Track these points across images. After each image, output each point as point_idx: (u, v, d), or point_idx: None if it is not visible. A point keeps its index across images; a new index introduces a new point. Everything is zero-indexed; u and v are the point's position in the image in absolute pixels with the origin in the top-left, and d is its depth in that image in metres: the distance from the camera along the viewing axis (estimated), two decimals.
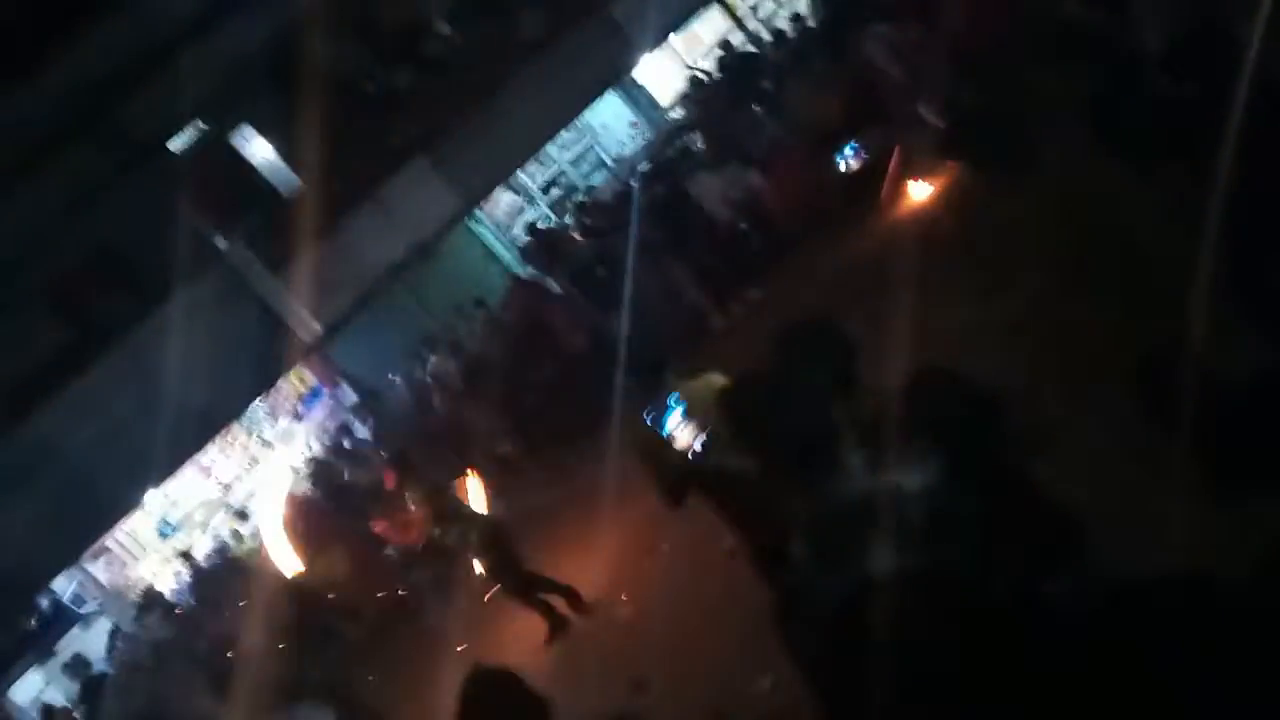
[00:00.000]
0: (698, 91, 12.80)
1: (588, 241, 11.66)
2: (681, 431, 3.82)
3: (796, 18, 12.52)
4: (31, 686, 12.65)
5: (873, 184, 8.44)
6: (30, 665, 12.74)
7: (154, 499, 12.24)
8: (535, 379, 10.97)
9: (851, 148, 9.18)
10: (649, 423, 3.85)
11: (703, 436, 3.78)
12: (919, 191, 7.79)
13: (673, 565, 5.23)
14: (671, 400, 3.34)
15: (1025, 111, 5.69)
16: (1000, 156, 5.97)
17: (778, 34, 12.63)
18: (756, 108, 11.44)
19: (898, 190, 7.98)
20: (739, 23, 14.25)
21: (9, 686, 12.41)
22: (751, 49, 13.11)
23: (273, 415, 13.89)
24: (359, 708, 6.93)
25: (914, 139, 7.86)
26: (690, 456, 3.80)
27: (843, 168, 9.30)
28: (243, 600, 10.02)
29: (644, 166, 12.20)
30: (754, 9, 14.61)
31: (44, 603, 12.84)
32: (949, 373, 2.28)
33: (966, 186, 6.79)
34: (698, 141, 11.88)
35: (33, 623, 12.77)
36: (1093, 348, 3.76)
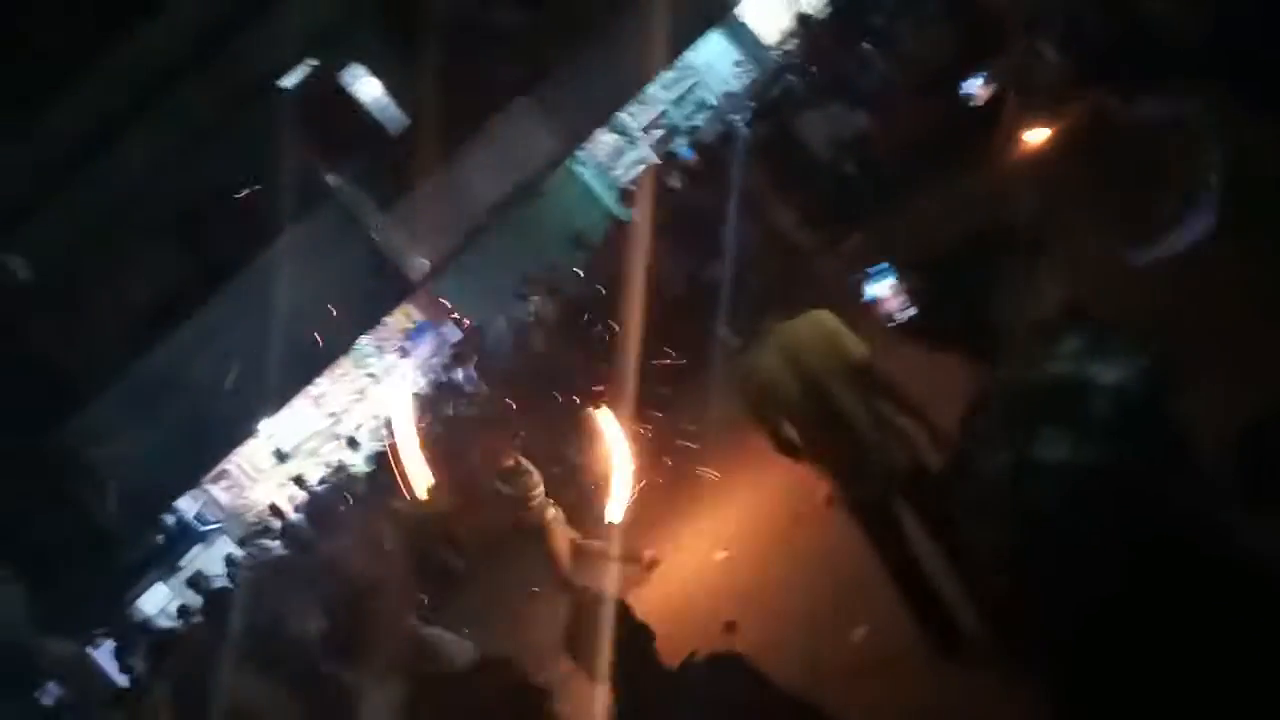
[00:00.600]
0: (805, 29, 12.43)
1: (689, 183, 11.52)
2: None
3: None
4: (158, 599, 13.47)
5: (988, 122, 8.09)
6: (156, 579, 13.57)
7: (268, 427, 12.79)
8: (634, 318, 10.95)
9: (967, 84, 8.79)
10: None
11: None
12: (1037, 130, 7.42)
13: (771, 512, 5.20)
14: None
15: (1151, 40, 5.34)
16: (1126, 88, 5.64)
17: None
18: (866, 45, 11.06)
19: (1015, 128, 7.62)
20: None
21: (137, 598, 13.25)
22: None
23: (379, 350, 14.28)
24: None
25: (1033, 74, 7.48)
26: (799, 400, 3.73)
27: (956, 105, 8.95)
28: (352, 526, 10.42)
29: (749, 106, 11.96)
30: None
31: (170, 520, 13.61)
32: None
33: (1089, 122, 6.44)
34: (804, 81, 11.56)
35: (159, 539, 13.56)
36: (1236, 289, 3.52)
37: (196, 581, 12.34)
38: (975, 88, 8.42)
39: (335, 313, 11.52)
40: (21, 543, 11.74)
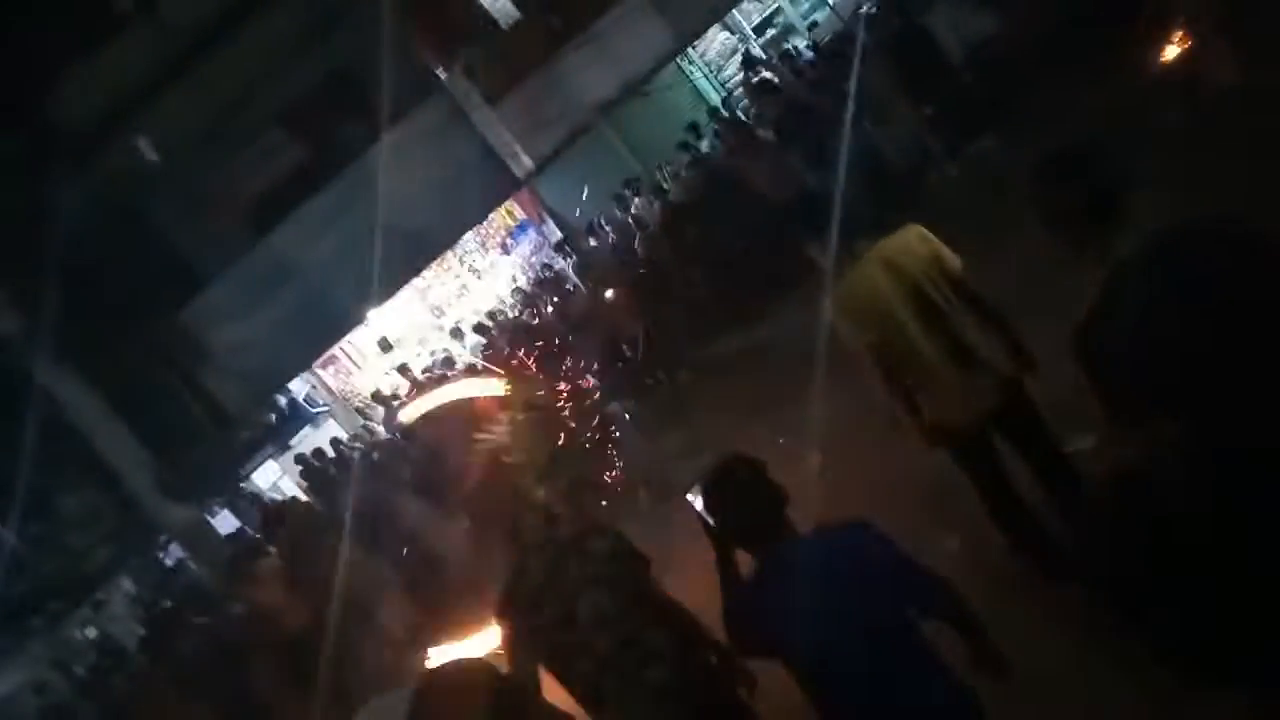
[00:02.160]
0: None
1: (806, 84, 11.16)
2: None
3: None
4: (270, 474, 14.23)
5: (1127, 28, 7.58)
6: (269, 456, 14.30)
7: (376, 316, 13.15)
8: (738, 228, 10.83)
9: None
10: None
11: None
12: (1175, 42, 6.93)
13: (861, 426, 5.15)
14: None
15: None
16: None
17: None
18: None
19: (1153, 36, 7.12)
20: None
21: (252, 472, 14.01)
22: None
23: (483, 246, 14.46)
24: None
25: None
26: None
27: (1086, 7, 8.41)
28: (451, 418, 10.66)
29: (869, 5, 11.44)
30: None
31: (282, 401, 14.25)
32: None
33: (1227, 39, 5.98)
34: None
35: (272, 418, 14.23)
36: None
37: (306, 459, 12.96)
38: None
39: (442, 206, 11.65)
40: (148, 418, 12.45)
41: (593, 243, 12.40)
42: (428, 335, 14.06)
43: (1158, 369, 2.05)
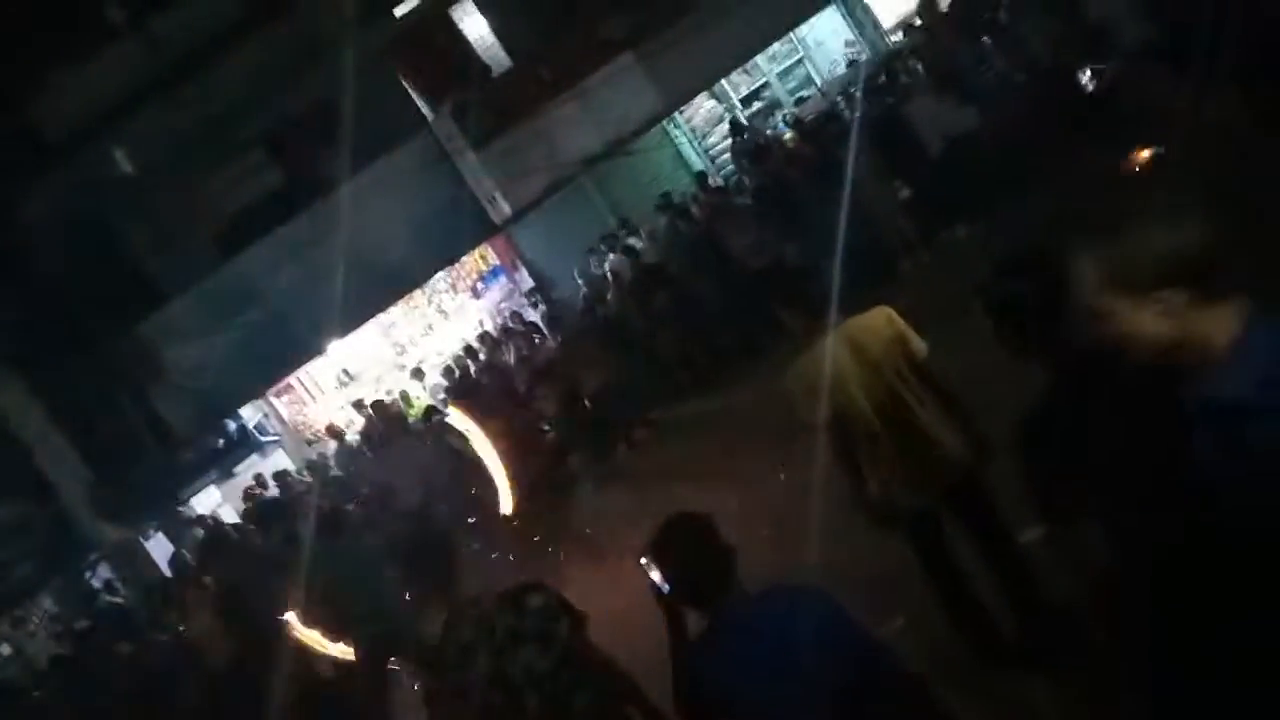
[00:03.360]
0: (927, 15, 12.05)
1: (784, 160, 11.32)
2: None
3: None
4: (210, 500, 13.87)
5: (1109, 122, 7.77)
6: (212, 481, 13.96)
7: (337, 348, 13.00)
8: (707, 291, 10.90)
9: (1088, 76, 8.49)
10: None
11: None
12: (1158, 134, 7.09)
13: (815, 500, 5.14)
14: None
15: None
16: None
17: None
18: (986, 39, 10.71)
19: (1139, 131, 7.29)
20: None
21: (192, 495, 13.65)
22: None
23: (453, 288, 14.40)
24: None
25: (1158, 72, 7.16)
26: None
27: (1069, 106, 8.66)
28: (402, 457, 10.49)
29: (857, 88, 11.68)
30: None
31: (231, 426, 13.97)
32: None
33: (1216, 126, 6.11)
34: (918, 69, 11.23)
35: (219, 443, 13.93)
36: None
37: (249, 489, 12.67)
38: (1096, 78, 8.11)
39: (415, 244, 11.61)
40: (90, 431, 12.13)
41: (564, 295, 12.42)
42: (387, 372, 13.92)
43: (1086, 466, 2.07)
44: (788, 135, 11.99)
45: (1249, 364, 1.74)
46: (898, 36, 13.27)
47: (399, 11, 12.43)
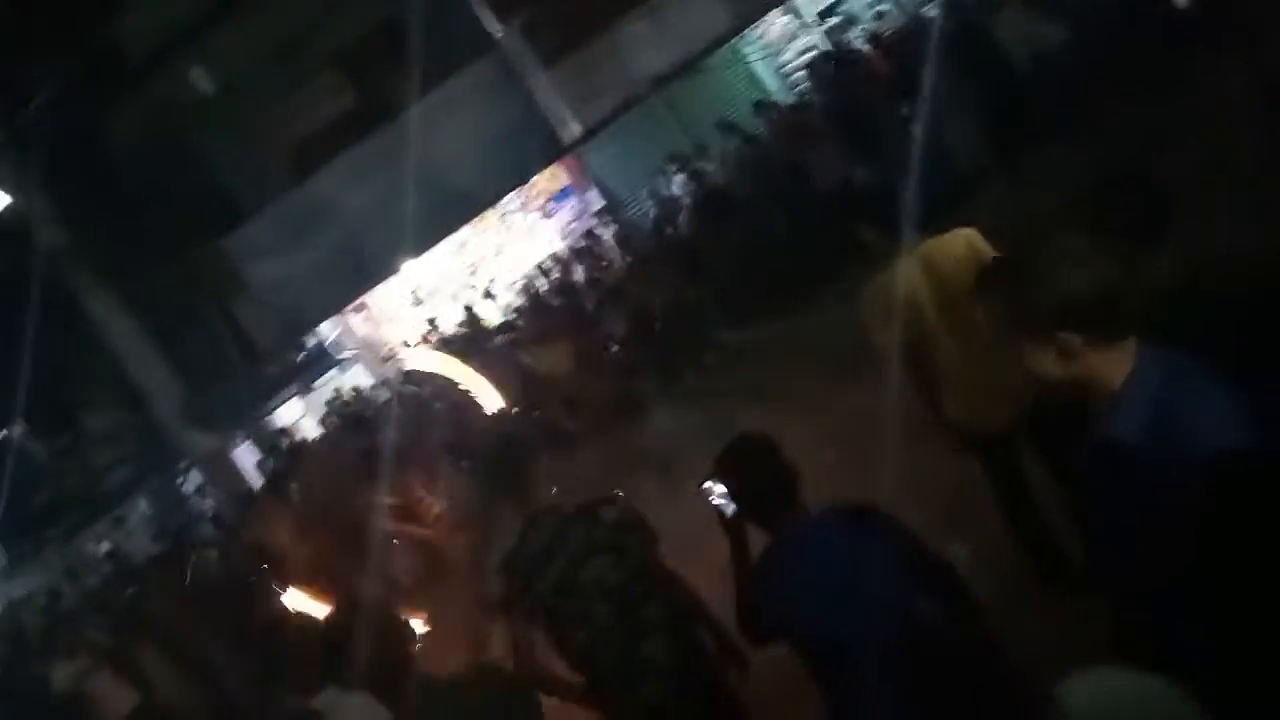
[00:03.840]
0: None
1: (861, 77, 11.02)
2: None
3: None
4: (293, 412, 14.38)
5: (1203, 41, 7.41)
6: (294, 394, 14.45)
7: (410, 267, 13.21)
8: (776, 214, 10.78)
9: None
10: None
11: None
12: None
13: (886, 426, 5.13)
14: None
15: None
16: None
17: None
18: None
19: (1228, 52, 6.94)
20: None
21: (276, 408, 14.17)
22: None
23: (524, 208, 14.45)
24: None
25: None
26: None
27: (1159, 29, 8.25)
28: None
29: (938, 2, 11.26)
30: None
31: (310, 343, 14.38)
32: None
33: None
34: None
35: (300, 358, 14.37)
36: None
37: (331, 401, 13.09)
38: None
39: (486, 164, 11.65)
40: (180, 344, 12.60)
41: (634, 214, 12.39)
42: (460, 291, 14.11)
43: None
44: (865, 50, 11.63)
45: (1138, 406, 1.77)
46: None
47: None
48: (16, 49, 11.15)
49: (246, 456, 13.36)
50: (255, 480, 12.13)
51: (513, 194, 13.94)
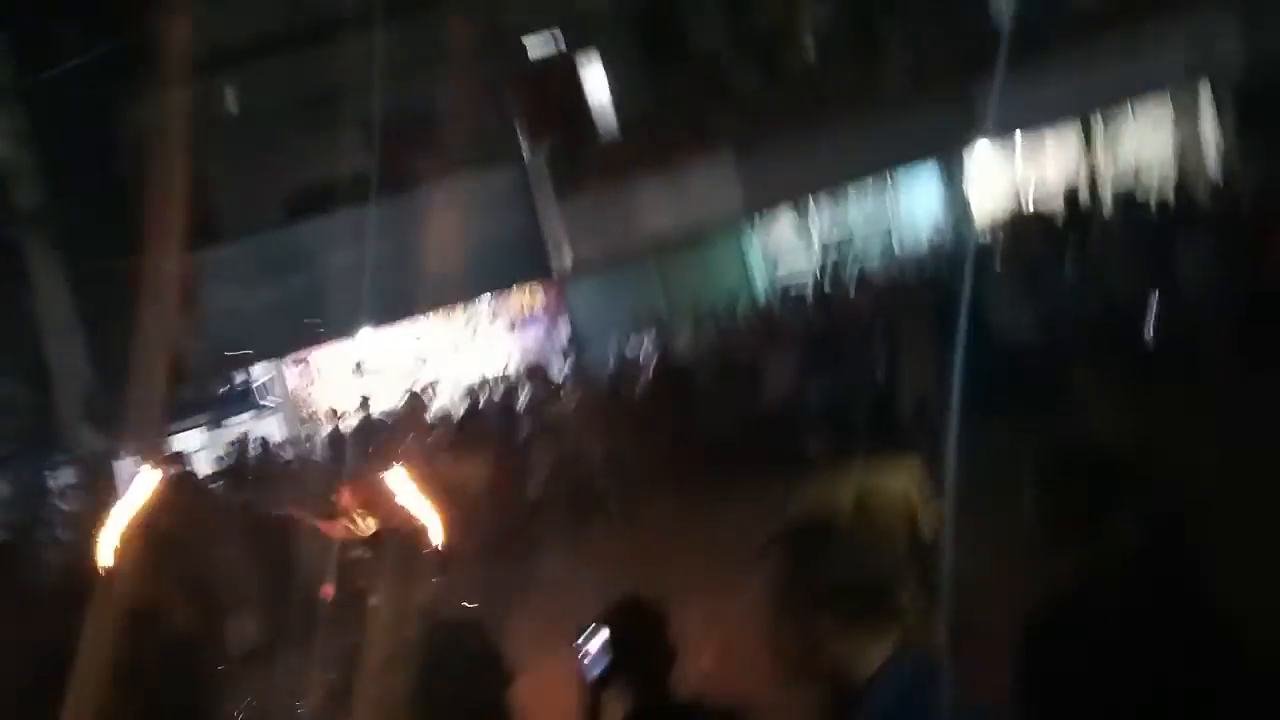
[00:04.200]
0: (1017, 224, 12.20)
1: (839, 304, 11.42)
2: None
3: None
4: (191, 441, 13.84)
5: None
6: (201, 425, 13.96)
7: (364, 338, 13.08)
8: (728, 401, 10.95)
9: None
10: None
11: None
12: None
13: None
14: None
15: None
16: None
17: (1129, 203, 11.83)
18: (1069, 260, 10.86)
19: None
20: (1092, 167, 13.61)
21: (178, 432, 13.64)
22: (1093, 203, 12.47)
23: (494, 317, 14.50)
24: None
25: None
26: None
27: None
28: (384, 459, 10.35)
29: (928, 269, 11.86)
30: (1115, 158, 13.92)
31: (238, 380, 14.01)
32: None
33: None
34: (996, 270, 11.32)
35: (222, 391, 13.96)
36: None
37: (233, 444, 12.67)
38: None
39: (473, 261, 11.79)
40: (106, 339, 12.21)
41: (594, 358, 12.47)
42: (403, 375, 13.95)
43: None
44: (851, 286, 12.13)
45: (878, 701, 1.79)
46: (984, 233, 13.43)
47: (532, 49, 12.84)
48: (63, 10, 11.25)
49: (127, 469, 12.74)
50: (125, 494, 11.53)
51: (488, 300, 14.03)
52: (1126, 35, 11.65)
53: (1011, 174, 13.90)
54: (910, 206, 14.31)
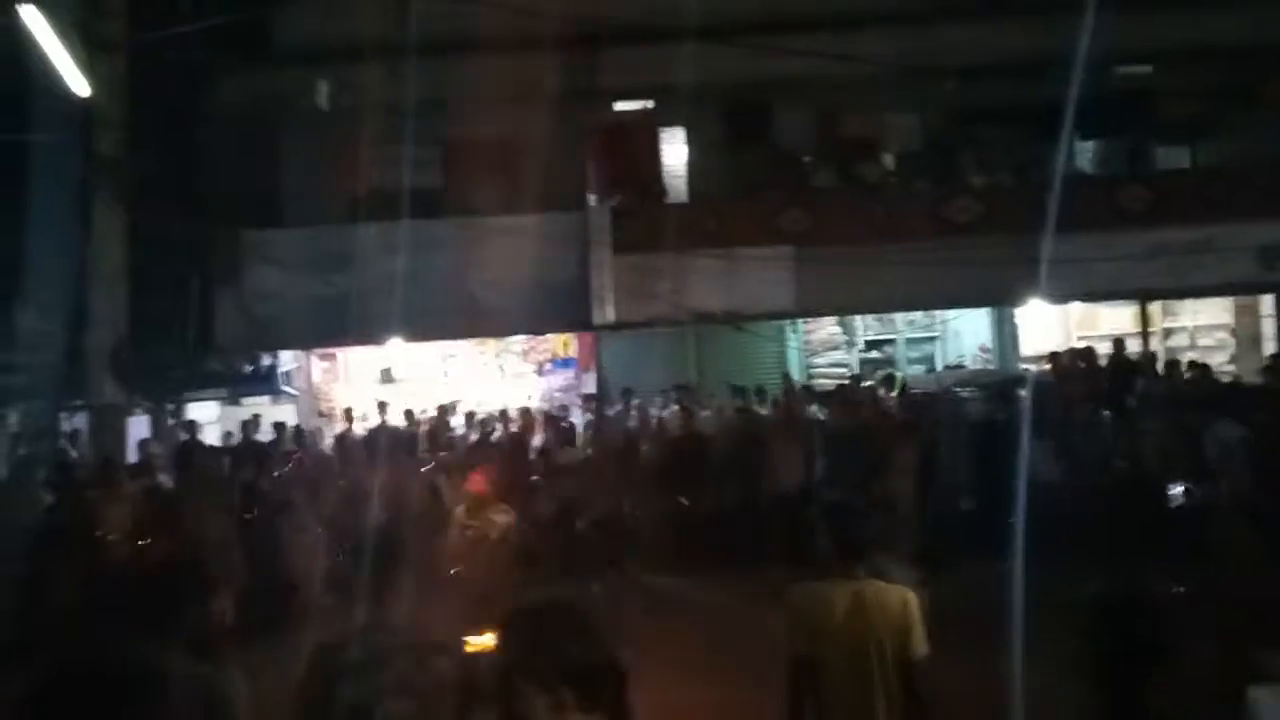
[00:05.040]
0: (1057, 365, 12.22)
1: (869, 409, 11.40)
2: None
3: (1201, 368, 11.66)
4: (207, 412, 13.92)
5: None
6: (219, 398, 14.05)
7: (395, 347, 13.18)
8: (732, 483, 10.95)
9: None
10: None
11: None
12: None
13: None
14: None
15: None
16: None
17: (1173, 367, 11.83)
18: (1103, 411, 10.87)
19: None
20: (1145, 335, 13.67)
21: (192, 400, 13.73)
22: (1134, 359, 12.48)
23: (525, 355, 14.59)
24: None
25: None
26: None
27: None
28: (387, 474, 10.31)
29: (969, 390, 11.87)
30: (1167, 335, 14.01)
31: (265, 362, 14.12)
32: None
33: None
34: (1022, 403, 11.32)
35: (246, 369, 14.06)
36: None
37: (246, 423, 12.74)
38: None
39: (518, 296, 11.91)
40: (150, 295, 12.37)
41: (615, 415, 12.49)
42: (426, 393, 14.03)
43: None
44: (883, 391, 12.13)
45: None
46: (1026, 365, 13.47)
47: (620, 106, 13.11)
48: None
49: (139, 428, 12.82)
50: (132, 453, 11.61)
51: (523, 338, 14.14)
52: (1199, 232, 11.79)
53: (1064, 321, 13.95)
54: (958, 326, 14.39)
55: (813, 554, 3.98)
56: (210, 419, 13.88)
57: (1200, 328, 14.00)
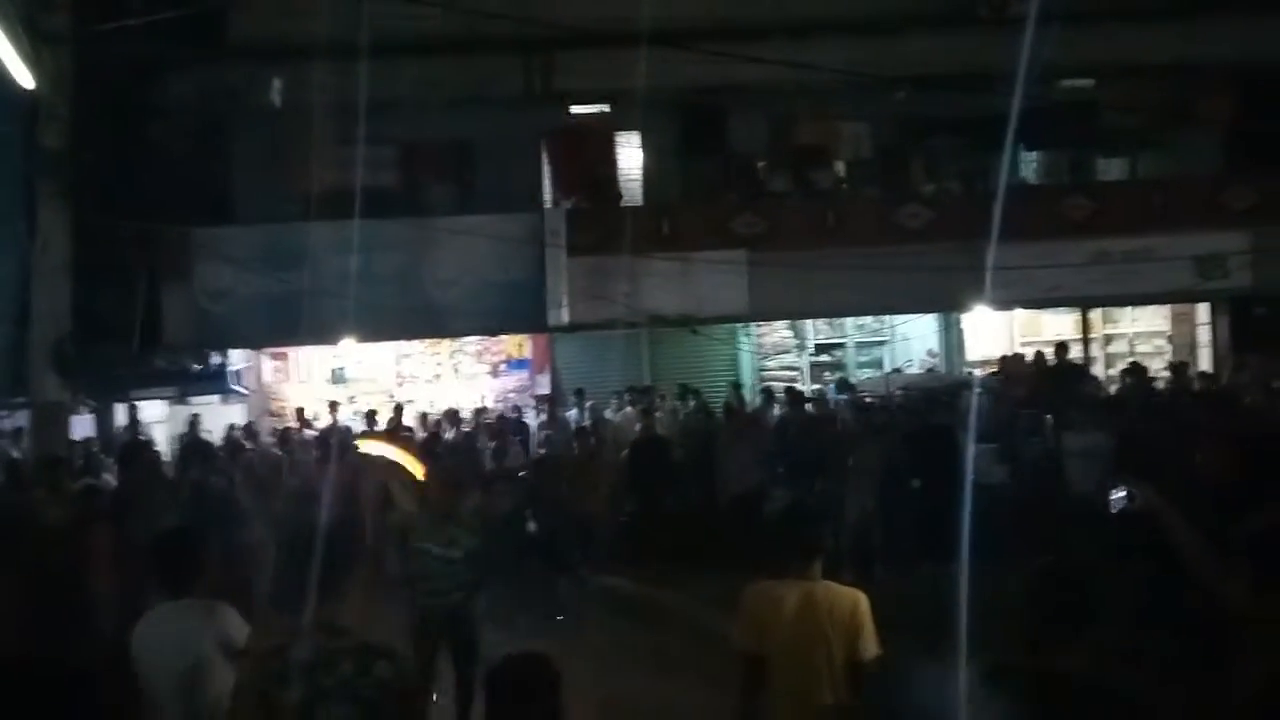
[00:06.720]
0: (1001, 368, 12.52)
1: (812, 417, 11.58)
2: None
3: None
4: (154, 411, 13.71)
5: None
6: (166, 397, 13.83)
7: (347, 347, 13.08)
8: (694, 488, 11.05)
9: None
10: None
11: None
12: None
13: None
14: None
15: None
16: None
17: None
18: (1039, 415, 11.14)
19: None
20: (1086, 341, 14.03)
21: (140, 398, 13.51)
22: (1078, 364, 12.80)
23: (479, 356, 14.58)
24: None
25: None
26: None
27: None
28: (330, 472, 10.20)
29: (913, 393, 12.07)
30: (1108, 341, 14.39)
31: (214, 361, 13.94)
32: None
33: None
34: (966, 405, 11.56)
35: (195, 369, 13.86)
36: None
37: (191, 423, 12.55)
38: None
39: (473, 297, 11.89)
40: (96, 291, 12.14)
41: (566, 416, 12.53)
42: (378, 393, 13.96)
43: None
44: (831, 396, 12.34)
45: None
46: (970, 370, 13.78)
47: (576, 110, 13.17)
48: None
49: (81, 426, 12.58)
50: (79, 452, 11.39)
51: (478, 339, 14.12)
52: (1138, 242, 12.13)
53: (1009, 327, 14.27)
54: (906, 331, 14.66)
55: (767, 555, 4.08)
56: (158, 418, 13.67)
57: (1139, 334, 14.44)
